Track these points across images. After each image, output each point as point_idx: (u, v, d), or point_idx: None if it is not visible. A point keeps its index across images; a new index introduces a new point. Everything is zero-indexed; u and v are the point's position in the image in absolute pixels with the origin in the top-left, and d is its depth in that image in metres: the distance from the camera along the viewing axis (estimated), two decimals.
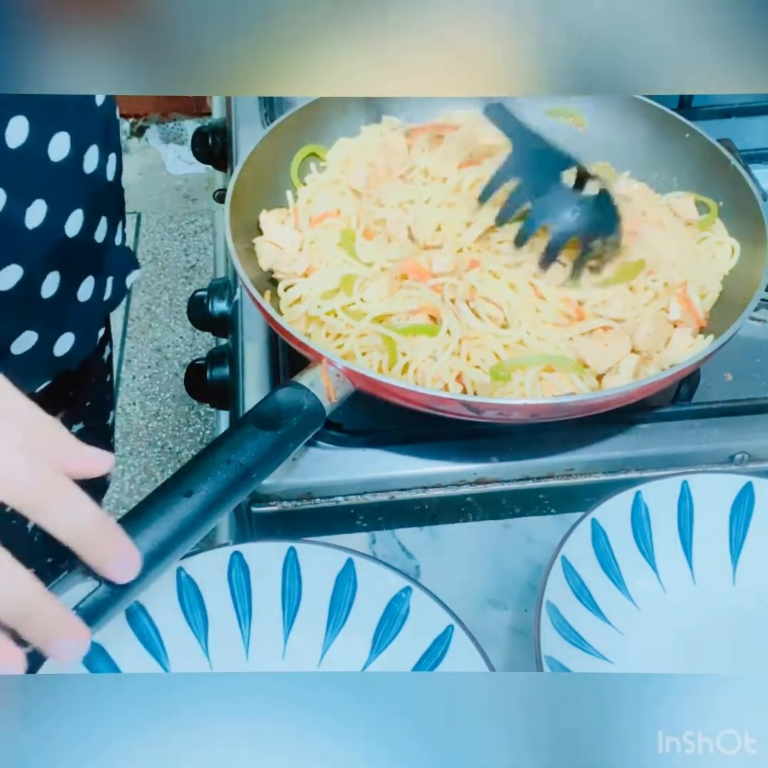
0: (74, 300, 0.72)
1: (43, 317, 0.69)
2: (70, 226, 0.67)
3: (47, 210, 0.64)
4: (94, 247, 0.72)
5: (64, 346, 0.73)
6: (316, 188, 0.77)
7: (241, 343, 0.75)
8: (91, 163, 0.68)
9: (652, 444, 0.68)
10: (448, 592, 0.55)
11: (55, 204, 0.65)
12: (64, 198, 0.66)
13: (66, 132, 0.64)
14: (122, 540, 0.43)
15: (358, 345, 0.66)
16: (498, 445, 0.68)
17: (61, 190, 0.65)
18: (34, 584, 0.40)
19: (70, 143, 0.64)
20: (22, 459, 0.40)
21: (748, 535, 0.60)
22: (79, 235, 0.68)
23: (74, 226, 0.68)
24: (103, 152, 0.69)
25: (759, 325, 0.76)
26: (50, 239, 0.66)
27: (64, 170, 0.65)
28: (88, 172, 0.68)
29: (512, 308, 0.66)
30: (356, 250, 0.70)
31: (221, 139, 1.00)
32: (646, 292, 0.69)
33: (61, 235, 0.67)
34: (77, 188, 0.67)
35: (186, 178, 2.43)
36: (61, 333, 0.72)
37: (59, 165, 0.64)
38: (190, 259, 2.31)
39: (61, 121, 0.63)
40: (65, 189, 0.66)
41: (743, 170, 0.74)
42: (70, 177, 0.66)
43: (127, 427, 1.96)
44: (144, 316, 2.18)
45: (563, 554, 0.55)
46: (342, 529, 0.67)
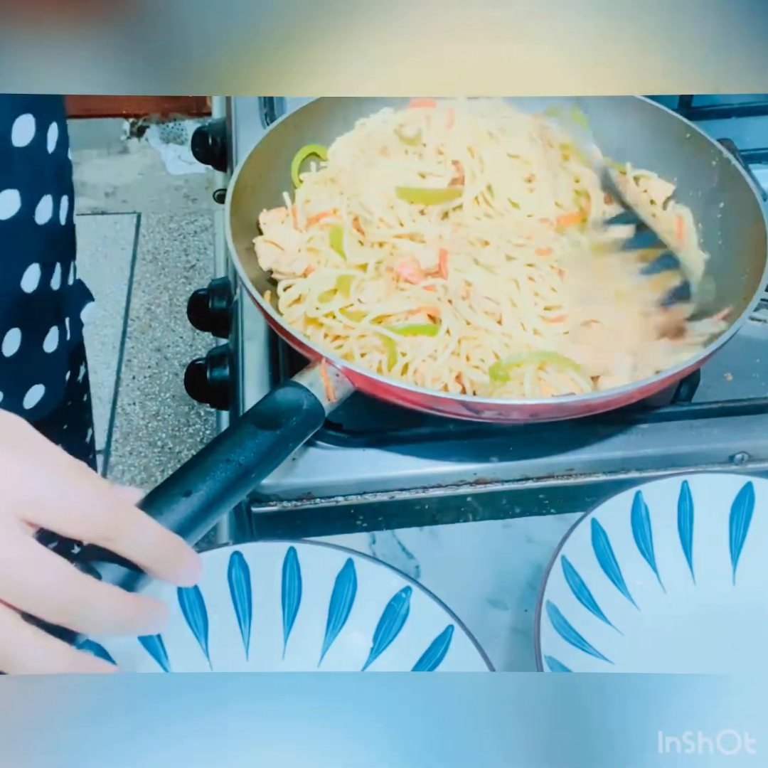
0: (40, 353, 0.70)
1: (7, 375, 0.67)
2: (26, 282, 0.65)
3: (0, 270, 0.63)
4: (52, 296, 0.70)
5: (34, 399, 0.72)
6: (312, 188, 0.77)
7: (241, 343, 0.75)
8: (44, 214, 0.65)
9: (652, 444, 0.68)
10: (448, 592, 0.55)
11: (7, 261, 0.63)
12: (17, 255, 0.64)
13: (14, 189, 0.61)
14: (186, 550, 0.46)
15: (357, 346, 0.66)
16: (498, 445, 0.68)
17: (12, 248, 0.63)
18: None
19: (19, 199, 0.62)
20: (93, 494, 0.41)
21: (748, 535, 0.60)
22: (37, 289, 0.66)
23: (31, 281, 0.66)
24: (55, 200, 0.67)
25: (759, 325, 0.76)
26: (7, 298, 0.64)
27: (13, 228, 0.62)
28: (41, 223, 0.65)
29: (508, 303, 0.66)
30: (343, 248, 0.70)
31: (221, 139, 1.00)
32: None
33: (18, 292, 0.65)
34: (31, 242, 0.65)
35: (186, 178, 2.43)
36: (28, 387, 0.71)
37: (8, 223, 0.62)
38: (190, 259, 2.31)
39: (7, 178, 0.61)
40: (17, 246, 0.64)
41: (743, 170, 0.74)
42: (22, 232, 0.64)
43: (127, 427, 1.96)
44: (144, 316, 2.18)
45: (563, 554, 0.55)
46: (342, 529, 0.67)
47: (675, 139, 0.79)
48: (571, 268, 0.68)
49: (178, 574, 0.45)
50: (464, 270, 0.67)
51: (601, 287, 0.68)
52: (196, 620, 0.56)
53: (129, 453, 1.92)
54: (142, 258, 2.29)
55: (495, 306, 0.66)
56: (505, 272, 0.67)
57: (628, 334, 0.66)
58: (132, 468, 1.89)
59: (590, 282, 0.68)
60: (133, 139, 2.39)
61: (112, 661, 0.53)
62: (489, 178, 0.73)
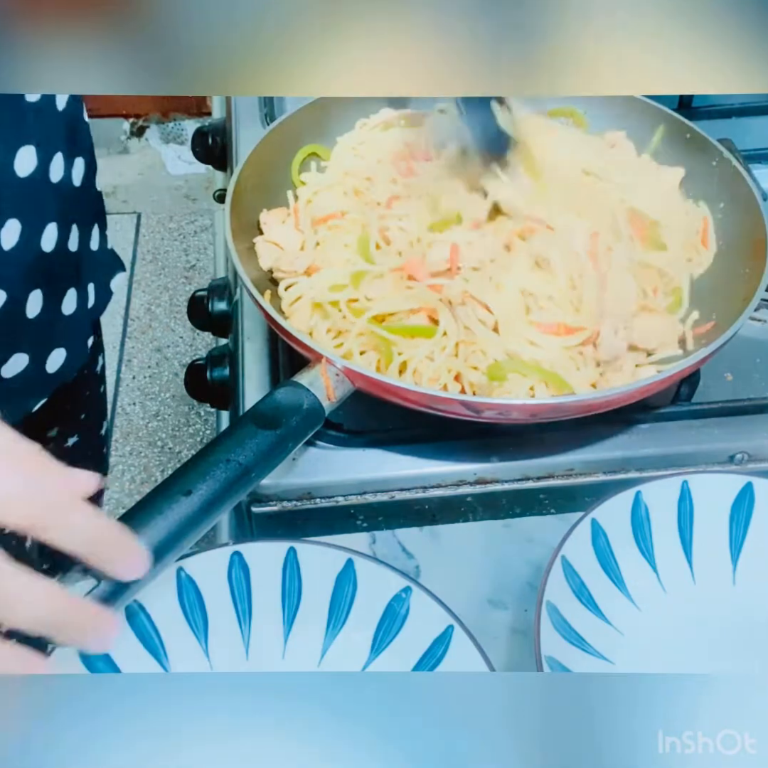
0: (59, 315, 0.71)
1: (30, 337, 0.68)
2: (45, 241, 0.66)
3: (21, 228, 0.63)
4: (70, 257, 0.70)
5: (56, 362, 0.72)
6: (315, 189, 0.77)
7: (241, 343, 0.75)
8: (57, 171, 0.66)
9: (652, 444, 0.68)
10: (448, 592, 0.55)
11: (28, 221, 0.63)
12: (36, 213, 0.64)
13: (31, 145, 0.62)
14: (130, 542, 0.44)
15: (357, 343, 0.66)
16: (498, 445, 0.68)
17: (32, 206, 0.64)
18: (59, 591, 0.40)
19: (36, 156, 0.62)
20: (20, 482, 0.40)
21: (748, 535, 0.60)
22: (55, 248, 0.67)
23: (50, 240, 0.66)
24: (67, 159, 0.67)
25: (759, 325, 0.76)
26: (29, 257, 0.65)
27: (32, 185, 0.63)
28: (55, 181, 0.66)
29: (503, 311, 0.66)
30: (371, 255, 0.70)
31: (221, 139, 1.00)
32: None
33: (38, 251, 0.65)
34: (47, 201, 0.66)
35: (186, 178, 2.43)
36: (51, 350, 0.71)
37: (27, 180, 0.62)
38: (190, 259, 2.31)
39: (24, 134, 0.61)
40: (36, 204, 0.64)
41: (743, 170, 0.74)
42: (39, 191, 0.64)
43: (127, 427, 1.96)
44: (144, 316, 2.18)
45: (563, 554, 0.55)
46: (342, 529, 0.67)
47: (675, 139, 0.79)
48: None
49: (118, 567, 0.43)
50: (470, 280, 0.67)
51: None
52: (196, 620, 0.56)
53: (129, 453, 1.92)
54: (142, 258, 2.29)
55: (489, 314, 0.66)
56: (500, 279, 0.67)
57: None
58: (132, 468, 1.89)
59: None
60: (133, 139, 2.39)
61: (112, 661, 0.53)
62: None
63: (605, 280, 0.66)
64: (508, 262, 0.68)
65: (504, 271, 0.67)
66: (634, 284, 0.68)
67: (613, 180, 0.73)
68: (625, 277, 0.67)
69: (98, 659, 0.53)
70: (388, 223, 0.71)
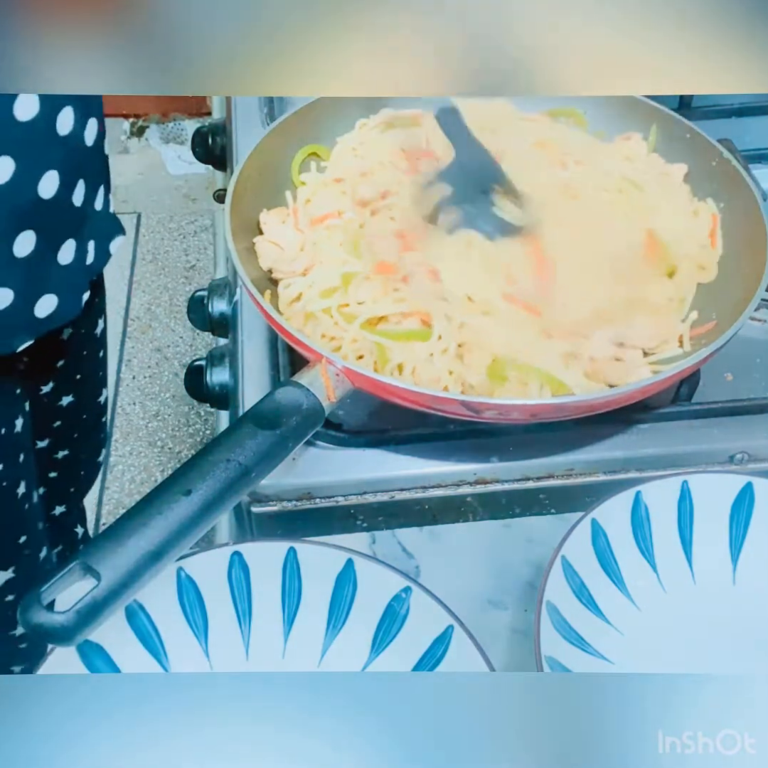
0: (54, 262, 0.72)
1: (18, 276, 0.69)
2: (43, 187, 0.67)
3: (15, 168, 0.64)
4: (73, 210, 0.72)
5: (46, 308, 0.73)
6: (314, 188, 0.77)
7: (241, 343, 0.75)
8: (65, 125, 0.68)
9: (652, 444, 0.68)
10: (448, 592, 0.55)
11: (23, 162, 0.65)
12: (33, 157, 0.66)
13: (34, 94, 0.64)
14: None
15: (352, 349, 0.66)
16: (498, 445, 0.68)
17: (30, 150, 0.65)
18: None
19: (38, 103, 0.64)
20: None
21: (748, 535, 0.60)
22: (55, 196, 0.68)
23: (48, 187, 0.68)
24: (79, 116, 0.69)
25: (759, 325, 0.76)
26: (21, 198, 0.66)
27: (32, 130, 0.65)
28: (63, 134, 0.68)
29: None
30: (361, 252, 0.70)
31: (221, 139, 1.00)
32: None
33: (33, 195, 0.67)
34: (49, 149, 0.67)
35: (186, 178, 2.43)
36: (41, 294, 0.72)
37: (27, 125, 0.64)
38: (190, 259, 2.31)
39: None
40: (35, 148, 0.66)
41: (743, 170, 0.74)
42: (40, 137, 0.66)
43: (127, 427, 1.96)
44: (144, 316, 2.18)
45: (563, 554, 0.55)
46: (342, 529, 0.67)
47: (675, 139, 0.79)
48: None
49: None
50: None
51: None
52: (196, 620, 0.56)
53: (129, 453, 1.92)
54: (142, 258, 2.29)
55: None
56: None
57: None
58: (132, 468, 1.89)
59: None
60: (133, 139, 2.39)
61: (111, 660, 0.53)
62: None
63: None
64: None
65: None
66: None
67: (633, 196, 0.73)
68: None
69: (98, 659, 0.53)
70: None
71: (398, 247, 0.69)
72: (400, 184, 0.74)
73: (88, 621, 0.46)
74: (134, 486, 1.86)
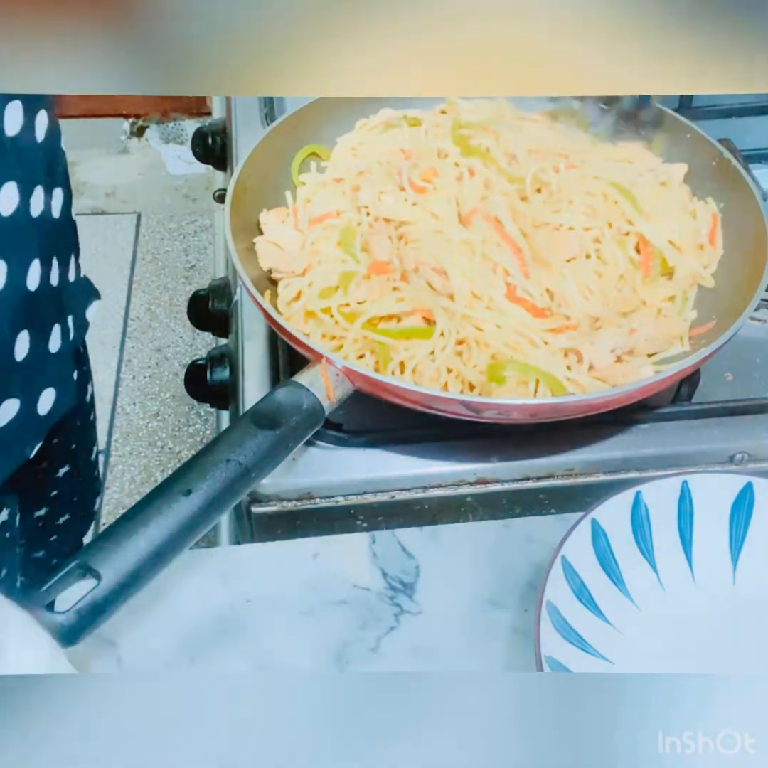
0: (47, 354, 0.68)
1: (20, 381, 0.65)
2: (30, 280, 0.63)
3: (7, 268, 0.60)
4: (52, 292, 0.67)
5: (47, 403, 0.69)
6: (314, 188, 0.77)
7: (241, 343, 0.75)
8: (37, 206, 0.63)
9: (652, 444, 0.68)
10: (448, 592, 0.55)
11: (13, 261, 0.61)
12: (20, 252, 0.62)
13: (13, 181, 0.59)
14: None
15: (353, 349, 0.66)
16: (498, 445, 0.68)
17: (16, 245, 0.61)
18: None
19: (18, 192, 0.60)
20: None
21: (748, 535, 0.60)
22: (39, 286, 0.64)
23: (34, 278, 0.63)
24: (47, 191, 0.64)
25: (759, 325, 0.76)
26: (16, 299, 0.62)
27: (16, 223, 0.60)
28: (35, 215, 0.63)
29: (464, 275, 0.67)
30: (354, 251, 0.70)
31: (221, 139, 1.00)
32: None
33: (24, 291, 0.62)
34: (30, 238, 0.63)
35: (186, 178, 2.43)
36: (41, 391, 0.68)
37: (10, 219, 0.59)
38: (190, 259, 2.31)
39: (6, 171, 0.58)
40: (20, 242, 0.61)
41: (743, 170, 0.74)
42: (22, 228, 0.61)
43: (127, 427, 1.96)
44: (144, 316, 2.18)
45: (563, 554, 0.55)
46: (342, 529, 0.67)
47: (675, 139, 0.79)
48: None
49: None
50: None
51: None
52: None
53: (129, 453, 1.92)
54: (142, 258, 2.29)
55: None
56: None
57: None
58: (132, 468, 1.89)
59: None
60: (133, 139, 2.39)
61: None
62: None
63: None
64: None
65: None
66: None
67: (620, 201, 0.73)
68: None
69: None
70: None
71: (392, 246, 0.69)
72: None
73: (88, 621, 0.46)
74: (134, 486, 1.86)
